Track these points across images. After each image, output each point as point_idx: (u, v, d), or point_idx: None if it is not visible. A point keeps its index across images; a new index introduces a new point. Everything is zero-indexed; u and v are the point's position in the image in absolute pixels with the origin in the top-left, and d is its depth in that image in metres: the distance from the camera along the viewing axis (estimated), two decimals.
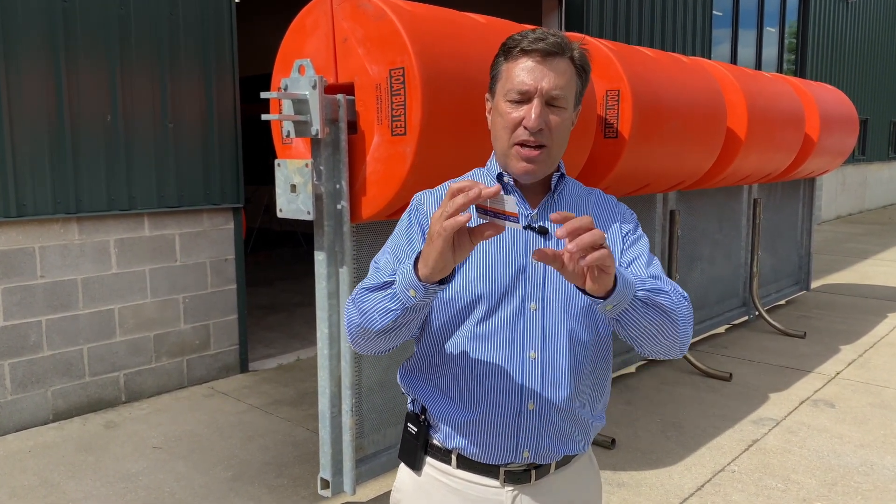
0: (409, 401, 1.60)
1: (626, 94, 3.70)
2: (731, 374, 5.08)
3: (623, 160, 3.78)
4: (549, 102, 1.40)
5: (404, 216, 1.55)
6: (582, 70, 1.47)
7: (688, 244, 5.55)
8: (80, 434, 4.14)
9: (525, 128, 1.40)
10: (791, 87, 5.83)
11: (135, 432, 4.15)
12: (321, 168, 2.87)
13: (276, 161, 2.98)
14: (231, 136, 4.99)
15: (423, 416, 1.55)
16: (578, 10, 7.68)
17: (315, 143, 2.87)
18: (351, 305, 1.42)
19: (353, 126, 2.88)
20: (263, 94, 2.93)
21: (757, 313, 6.53)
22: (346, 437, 3.06)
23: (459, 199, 1.16)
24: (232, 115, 4.99)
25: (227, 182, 4.99)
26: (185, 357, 4.91)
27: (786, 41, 13.07)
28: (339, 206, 2.92)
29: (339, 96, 2.82)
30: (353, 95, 2.86)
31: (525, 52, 1.41)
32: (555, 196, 1.52)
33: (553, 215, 1.19)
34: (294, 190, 2.93)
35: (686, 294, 1.49)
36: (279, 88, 2.95)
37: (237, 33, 5.02)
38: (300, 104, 2.84)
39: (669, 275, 5.11)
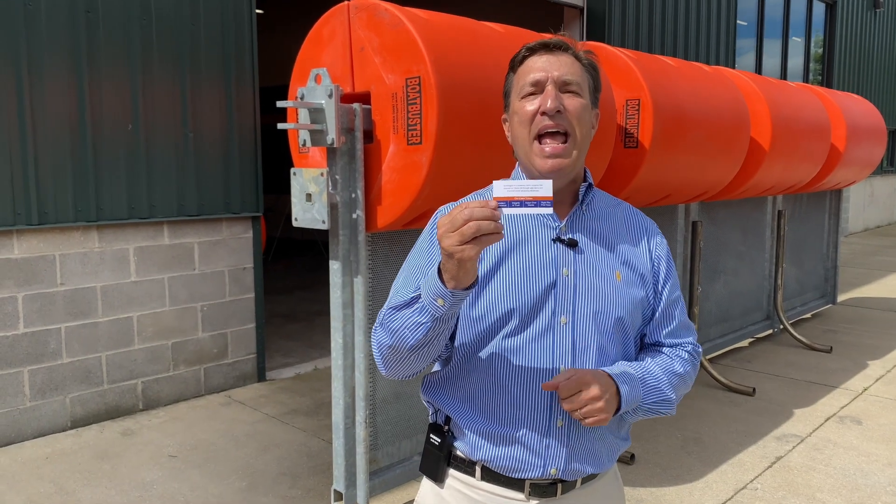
0: (431, 412, 1.57)
1: (647, 103, 3.65)
2: (754, 389, 4.98)
3: (643, 171, 3.72)
4: (564, 89, 1.41)
5: (425, 233, 1.52)
6: (590, 67, 1.48)
7: (710, 256, 5.46)
8: (96, 441, 4.15)
9: (543, 113, 1.39)
10: (817, 97, 5.73)
11: (151, 440, 4.16)
12: (337, 177, 2.86)
13: (292, 170, 2.97)
14: (251, 145, 5.01)
15: (446, 427, 1.52)
16: (600, 20, 7.64)
17: (331, 152, 2.86)
18: (379, 329, 1.41)
19: (368, 135, 2.86)
20: (280, 103, 2.92)
21: (781, 327, 6.41)
22: (360, 449, 3.03)
23: (470, 228, 1.16)
24: (252, 124, 5.02)
25: (246, 191, 5.01)
26: (202, 365, 4.91)
27: (812, 51, 12.90)
28: (354, 216, 2.90)
29: (356, 105, 2.81)
30: (370, 104, 2.84)
31: (531, 50, 1.44)
32: (583, 207, 1.50)
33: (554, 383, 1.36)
34: (309, 199, 2.92)
35: (699, 348, 1.60)
36: (296, 97, 2.95)
37: (258, 43, 5.05)
38: (316, 113, 2.83)
39: (691, 287, 5.03)
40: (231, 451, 4.02)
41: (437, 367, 1.55)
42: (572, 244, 1.45)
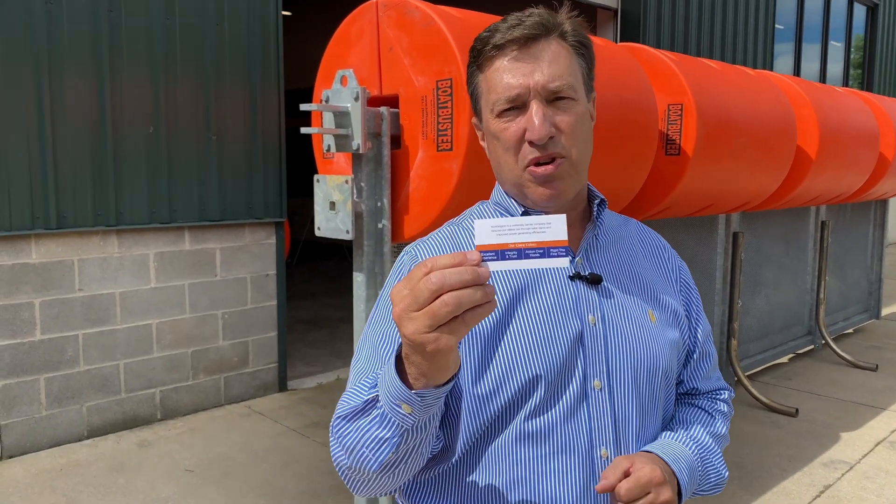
0: None
1: (691, 108, 3.45)
2: (797, 410, 4.73)
3: (686, 179, 3.52)
4: (552, 99, 1.08)
5: (388, 285, 1.17)
6: (580, 46, 1.13)
7: (751, 268, 5.22)
8: (112, 453, 4.04)
9: (530, 142, 1.08)
10: (864, 103, 5.47)
11: (168, 453, 4.03)
12: (362, 185, 2.70)
13: (316, 177, 2.82)
14: (275, 149, 4.88)
15: None
16: (635, 23, 7.42)
17: (356, 159, 2.70)
18: (334, 442, 1.05)
19: (396, 140, 2.71)
20: (303, 106, 2.77)
21: (823, 342, 6.13)
22: None
23: (445, 306, 0.79)
24: (276, 128, 4.89)
25: (269, 196, 4.88)
26: (222, 374, 4.79)
27: (851, 55, 12.52)
28: (379, 225, 2.74)
29: (383, 109, 2.65)
30: (398, 108, 2.68)
31: (499, 49, 1.09)
32: (596, 230, 1.20)
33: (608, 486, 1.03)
34: (333, 207, 2.76)
35: (733, 392, 1.36)
36: (321, 100, 2.80)
37: (284, 46, 4.92)
38: (341, 117, 2.68)
39: (731, 301, 4.79)
40: (250, 466, 3.88)
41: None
42: (595, 281, 1.14)
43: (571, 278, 1.14)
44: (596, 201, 1.20)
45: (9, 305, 3.90)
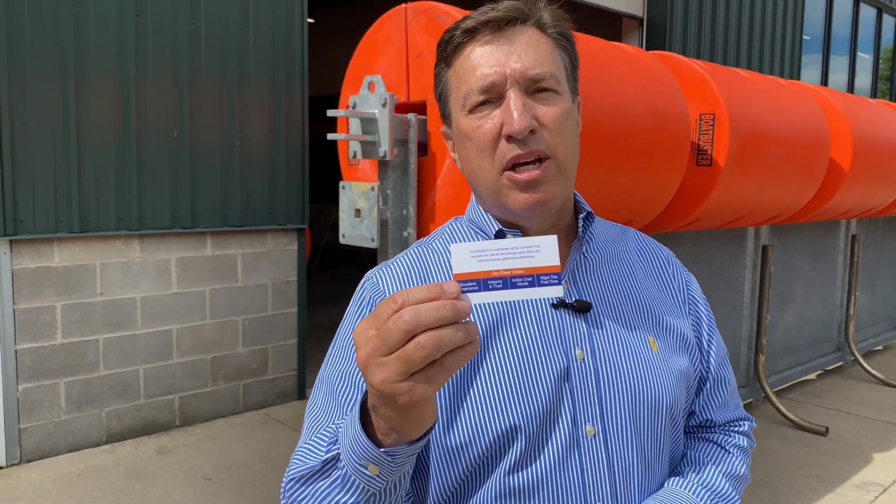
0: None
1: (723, 118, 3.37)
2: (826, 428, 4.60)
3: (717, 191, 3.43)
4: (532, 88, 0.94)
5: (352, 319, 1.02)
6: (563, 39, 0.98)
7: (780, 283, 5.11)
8: (131, 459, 4.01)
9: (508, 138, 0.92)
10: None
11: (186, 460, 3.99)
12: (388, 192, 2.65)
13: (341, 183, 2.78)
14: (298, 155, 4.86)
15: None
16: (661, 32, 7.34)
17: (382, 166, 2.65)
18: None
19: (423, 148, 2.66)
20: (330, 112, 2.73)
21: (853, 359, 5.98)
22: None
23: (420, 349, 0.67)
24: (300, 134, 4.86)
25: (292, 202, 4.85)
26: (241, 381, 4.75)
27: (880, 67, 12.34)
28: (405, 234, 2.69)
29: (410, 115, 2.60)
30: (426, 115, 2.64)
31: (470, 34, 0.95)
32: (583, 248, 1.05)
33: None
34: (358, 215, 2.72)
35: (754, 422, 1.18)
36: (348, 106, 2.76)
37: (308, 52, 4.90)
38: (368, 123, 2.64)
39: (759, 316, 4.69)
40: (268, 475, 3.83)
41: None
42: (583, 308, 0.99)
43: (555, 307, 0.99)
44: (582, 215, 1.04)
45: (31, 308, 3.89)
